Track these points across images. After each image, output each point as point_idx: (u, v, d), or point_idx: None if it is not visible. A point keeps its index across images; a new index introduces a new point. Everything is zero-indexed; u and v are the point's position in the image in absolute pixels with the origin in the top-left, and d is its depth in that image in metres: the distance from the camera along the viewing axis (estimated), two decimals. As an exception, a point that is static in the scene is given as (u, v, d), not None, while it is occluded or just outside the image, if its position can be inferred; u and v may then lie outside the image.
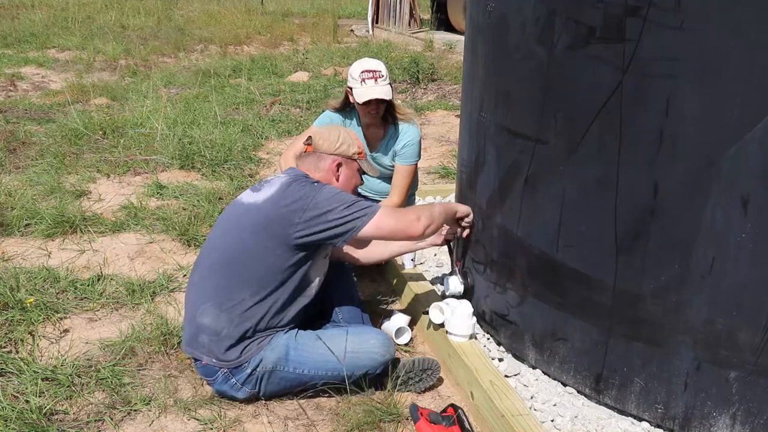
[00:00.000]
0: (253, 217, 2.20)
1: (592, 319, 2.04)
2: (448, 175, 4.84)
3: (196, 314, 2.19)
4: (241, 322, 2.15)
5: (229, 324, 2.15)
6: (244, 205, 2.27)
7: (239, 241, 2.20)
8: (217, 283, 2.18)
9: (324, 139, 2.37)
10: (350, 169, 2.41)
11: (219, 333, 2.15)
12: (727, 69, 1.63)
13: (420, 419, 2.06)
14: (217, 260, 2.23)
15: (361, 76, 3.06)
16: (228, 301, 2.15)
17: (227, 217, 2.31)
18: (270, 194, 2.21)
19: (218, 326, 2.15)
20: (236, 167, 4.70)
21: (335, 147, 2.37)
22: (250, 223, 2.19)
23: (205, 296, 2.19)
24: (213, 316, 2.16)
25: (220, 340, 2.15)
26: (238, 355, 2.15)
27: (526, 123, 2.09)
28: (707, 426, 1.94)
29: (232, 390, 2.19)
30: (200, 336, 2.18)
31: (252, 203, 2.23)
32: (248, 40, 11.33)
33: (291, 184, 2.22)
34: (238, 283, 2.16)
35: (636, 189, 1.84)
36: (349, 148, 2.39)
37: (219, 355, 2.16)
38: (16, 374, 2.31)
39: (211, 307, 2.16)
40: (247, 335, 2.16)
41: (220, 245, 2.26)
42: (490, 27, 2.22)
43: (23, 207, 3.73)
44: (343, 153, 2.38)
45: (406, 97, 7.46)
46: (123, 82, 7.64)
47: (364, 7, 15.69)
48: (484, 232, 2.41)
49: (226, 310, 2.15)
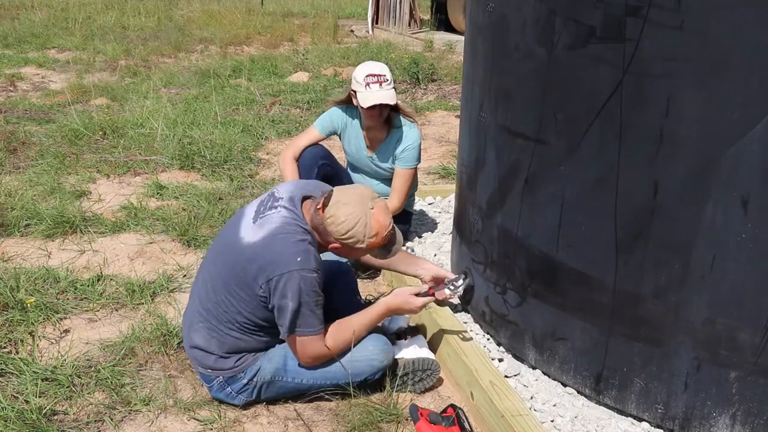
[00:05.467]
0: (240, 253, 2.10)
1: (592, 319, 2.04)
2: (448, 175, 4.84)
3: (191, 329, 2.21)
4: (230, 348, 2.17)
5: (219, 349, 2.17)
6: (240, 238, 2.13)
7: (222, 277, 2.14)
8: (211, 308, 2.16)
9: (334, 219, 2.06)
10: (350, 251, 2.16)
11: (211, 352, 2.17)
12: (727, 69, 1.63)
13: (420, 419, 2.06)
14: (210, 281, 2.19)
15: (365, 80, 3.05)
16: (217, 328, 2.15)
17: (225, 239, 2.22)
18: (258, 239, 2.08)
19: (209, 347, 2.17)
20: (236, 167, 4.70)
21: (341, 235, 2.07)
22: (237, 260, 2.10)
23: (199, 315, 2.19)
24: (204, 338, 2.17)
25: (210, 355, 2.17)
26: (233, 364, 2.17)
27: (526, 123, 2.09)
28: (707, 426, 1.94)
29: (228, 398, 2.21)
30: (193, 350, 2.21)
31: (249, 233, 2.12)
32: (248, 41, 11.33)
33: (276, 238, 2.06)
34: (224, 315, 2.14)
35: (636, 189, 1.83)
36: (357, 243, 2.08)
37: (212, 366, 2.18)
38: (16, 374, 2.31)
39: (203, 329, 2.17)
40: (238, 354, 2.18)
41: (213, 269, 2.20)
42: (490, 27, 2.22)
43: (23, 207, 3.73)
44: (349, 245, 2.11)
45: (406, 98, 7.46)
46: (123, 82, 7.64)
47: (364, 8, 15.69)
48: (484, 232, 2.41)
49: (215, 337, 2.16)
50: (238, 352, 2.17)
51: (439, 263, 3.18)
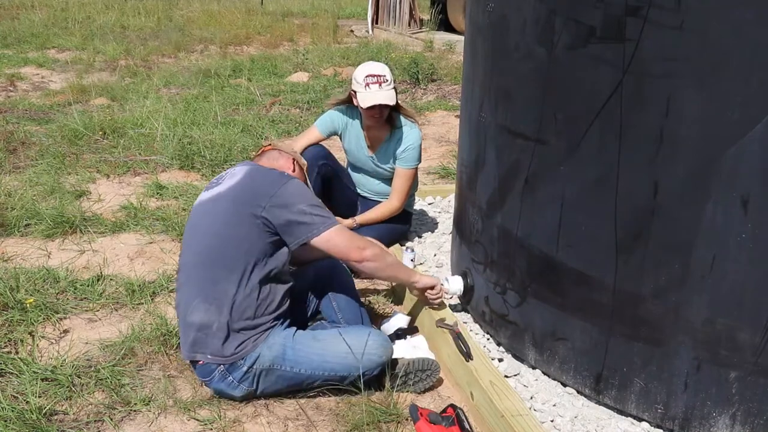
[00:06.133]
0: (221, 205, 2.23)
1: (592, 319, 2.04)
2: (448, 175, 4.84)
3: (187, 314, 2.20)
4: (230, 310, 2.15)
5: (219, 315, 2.14)
6: (208, 199, 2.30)
7: (212, 231, 2.22)
8: (202, 276, 2.19)
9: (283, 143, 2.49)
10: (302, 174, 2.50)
11: (211, 326, 2.15)
12: (727, 69, 1.63)
13: (420, 419, 2.06)
14: (196, 256, 2.23)
15: (365, 80, 3.06)
16: (214, 291, 2.15)
17: (194, 216, 2.34)
18: (234, 182, 2.25)
19: (209, 319, 2.15)
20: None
21: (291, 151, 2.50)
22: (221, 210, 2.22)
23: (192, 294, 2.20)
24: (203, 310, 2.16)
25: (213, 334, 2.15)
26: (233, 350, 2.15)
27: (526, 123, 2.09)
28: (707, 426, 1.94)
29: (229, 388, 2.19)
30: (194, 334, 2.18)
31: (216, 194, 2.27)
32: (248, 41, 11.33)
33: (256, 172, 2.27)
34: (220, 271, 2.16)
35: (636, 189, 1.84)
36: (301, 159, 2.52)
37: (215, 350, 2.15)
38: (16, 374, 2.31)
39: (200, 303, 2.17)
40: (239, 325, 2.15)
41: (194, 242, 2.27)
42: (490, 27, 2.22)
43: (23, 207, 3.73)
44: (297, 159, 2.49)
45: (406, 98, 7.46)
46: (123, 82, 7.64)
47: (364, 8, 15.69)
48: (484, 232, 2.41)
49: (214, 302, 2.15)
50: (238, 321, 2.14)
51: (440, 263, 3.18)
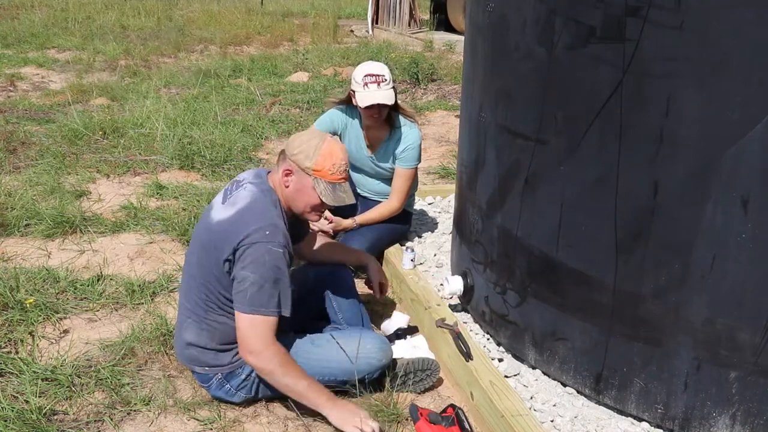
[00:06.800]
0: (208, 238, 2.15)
1: (592, 319, 2.04)
2: (448, 175, 4.84)
3: (182, 328, 2.21)
4: (222, 338, 2.16)
5: (210, 340, 2.17)
6: (210, 220, 2.18)
7: (199, 261, 2.17)
8: (195, 299, 2.18)
9: (292, 141, 2.19)
10: (302, 182, 2.15)
11: (204, 346, 2.17)
12: (727, 69, 1.63)
13: (420, 419, 2.06)
14: (191, 275, 2.21)
15: (364, 80, 3.05)
16: (205, 318, 2.16)
17: (198, 230, 2.27)
18: (228, 216, 2.12)
19: (201, 341, 2.17)
20: (236, 167, 4.70)
21: (292, 152, 2.14)
22: (206, 243, 2.15)
23: (187, 311, 2.21)
24: (194, 332, 2.18)
25: (206, 351, 2.17)
26: (230, 360, 2.16)
27: (526, 123, 2.09)
28: (707, 426, 1.94)
29: (227, 396, 2.20)
30: (188, 350, 2.20)
31: (213, 222, 2.16)
32: (248, 41, 11.34)
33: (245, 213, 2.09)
34: (209, 301, 2.15)
35: (636, 189, 1.84)
36: (305, 159, 2.12)
37: (210, 363, 2.17)
38: (16, 374, 2.31)
39: (192, 324, 2.18)
40: (233, 345, 2.15)
41: (191, 260, 2.23)
42: (490, 27, 2.22)
43: (23, 207, 3.73)
44: (297, 162, 2.14)
45: (406, 97, 7.46)
46: (123, 82, 7.64)
47: (364, 8, 15.70)
48: (484, 232, 2.41)
49: (205, 329, 2.16)
50: (231, 342, 2.15)
51: (440, 263, 3.18)
